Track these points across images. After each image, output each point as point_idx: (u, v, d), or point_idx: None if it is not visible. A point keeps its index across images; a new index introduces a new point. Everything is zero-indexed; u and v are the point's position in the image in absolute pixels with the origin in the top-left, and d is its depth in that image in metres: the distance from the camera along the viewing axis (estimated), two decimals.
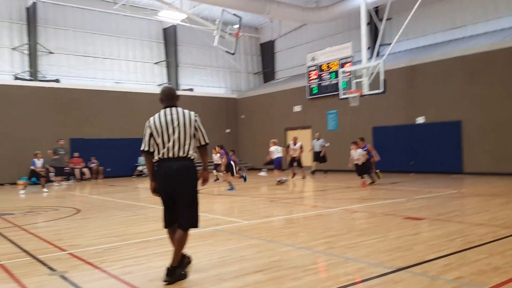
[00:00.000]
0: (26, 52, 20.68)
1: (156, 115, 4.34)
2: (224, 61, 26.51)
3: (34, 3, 20.61)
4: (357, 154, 12.72)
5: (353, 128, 19.54)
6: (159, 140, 4.27)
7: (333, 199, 10.25)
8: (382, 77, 15.29)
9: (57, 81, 20.86)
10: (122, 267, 4.68)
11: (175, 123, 4.26)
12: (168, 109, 4.34)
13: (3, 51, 20.19)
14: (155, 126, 4.28)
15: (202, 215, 8.13)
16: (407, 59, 18.50)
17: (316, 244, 5.60)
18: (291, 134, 22.95)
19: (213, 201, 11.07)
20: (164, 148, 4.25)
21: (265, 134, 23.11)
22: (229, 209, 9.24)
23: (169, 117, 4.28)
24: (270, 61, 27.99)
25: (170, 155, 4.24)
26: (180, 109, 4.36)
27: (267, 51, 28.16)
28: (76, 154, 20.00)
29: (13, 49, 20.42)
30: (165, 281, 4.11)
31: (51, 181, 18.25)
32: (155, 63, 24.69)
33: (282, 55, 27.26)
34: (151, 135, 4.31)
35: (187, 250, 4.52)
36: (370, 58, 17.29)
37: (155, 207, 9.72)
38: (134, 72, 23.83)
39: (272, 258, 4.99)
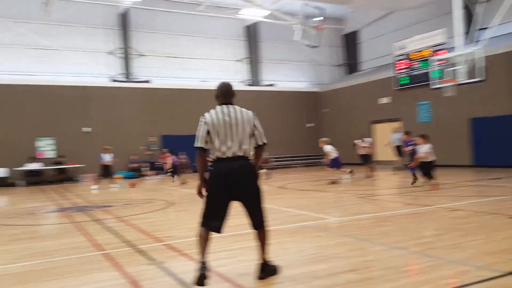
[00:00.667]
0: (120, 55, 22.22)
1: (213, 111, 4.13)
2: (305, 55, 26.26)
3: (127, 10, 22.05)
4: (425, 150, 10.76)
5: (447, 120, 18.29)
6: (217, 138, 4.04)
7: (426, 196, 9.63)
8: (481, 64, 14.01)
9: (148, 81, 22.18)
10: (217, 259, 4.79)
11: (234, 122, 4.05)
12: (225, 107, 4.13)
13: (100, 56, 21.89)
14: (212, 123, 4.06)
15: (288, 210, 8.23)
16: (507, 44, 16.84)
17: (412, 244, 5.27)
18: (377, 128, 22.13)
19: (298, 196, 10.99)
20: (223, 147, 4.03)
21: (349, 128, 22.53)
22: (315, 205, 9.09)
23: (227, 115, 4.07)
24: (354, 52, 27.17)
25: (230, 154, 4.02)
26: (237, 107, 4.15)
27: (350, 42, 27.36)
28: (166, 150, 21.08)
29: (109, 53, 22.05)
30: (259, 277, 4.12)
31: (144, 175, 19.49)
32: (237, 60, 25.18)
33: (366, 46, 26.32)
34: (208, 132, 4.07)
35: (276, 246, 4.48)
36: (465, 44, 15.99)
37: None
38: (217, 70, 24.50)
39: (364, 258, 4.82)
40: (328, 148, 13.63)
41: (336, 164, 13.59)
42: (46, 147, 19.48)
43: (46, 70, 20.36)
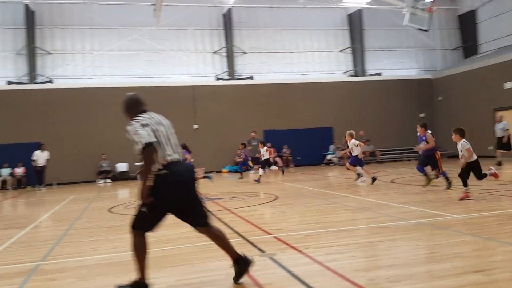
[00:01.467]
0: (224, 54, 23.06)
1: (143, 115, 3.92)
2: (415, 40, 24.69)
3: (229, 9, 22.79)
4: (463, 148, 8.10)
5: None
6: (161, 139, 3.81)
7: None
8: None
9: (251, 78, 22.73)
10: (326, 254, 4.67)
11: (169, 125, 4.04)
12: (151, 112, 4.03)
13: (207, 56, 22.97)
14: (151, 122, 3.86)
15: (401, 206, 7.75)
16: None
17: None
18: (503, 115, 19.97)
19: (410, 191, 10.32)
20: (169, 149, 3.85)
21: (467, 117, 20.65)
22: (430, 201, 8.43)
23: (159, 118, 3.99)
24: (471, 34, 24.72)
25: (178, 157, 3.89)
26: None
27: (466, 23, 24.94)
28: (268, 145, 21.38)
29: (214, 53, 23.02)
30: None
31: (248, 169, 20.01)
32: (340, 51, 24.54)
33: (486, 26, 23.78)
34: (152, 130, 3.78)
35: (389, 243, 4.21)
36: None
37: (349, 196, 9.63)
38: (319, 62, 24.18)
39: (492, 258, 4.35)
40: (354, 142, 12.21)
41: (356, 162, 12.28)
42: None
43: (159, 72, 21.98)
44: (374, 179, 11.71)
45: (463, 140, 8.10)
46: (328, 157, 22.06)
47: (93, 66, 21.41)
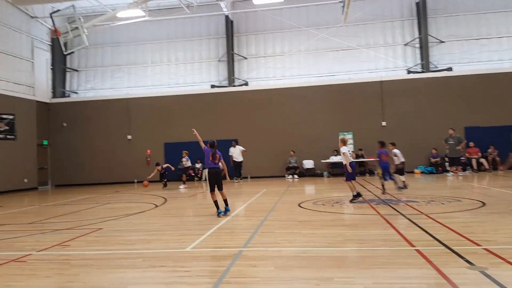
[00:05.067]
0: (417, 45, 21.47)
1: None
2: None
3: None
4: None
5: None
6: None
7: None
8: None
9: (449, 69, 20.59)
10: None
11: None
12: None
13: (396, 48, 21.76)
14: None
15: None
16: None
17: None
18: None
19: None
20: None
21: None
22: None
23: None
24: None
25: None
26: None
27: None
28: (471, 144, 19.07)
29: (405, 45, 21.65)
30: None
31: (447, 171, 18.21)
32: None
33: None
34: None
35: None
36: None
37: None
38: None
39: None
40: (343, 149, 10.27)
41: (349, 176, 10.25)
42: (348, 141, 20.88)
43: (345, 69, 21.81)
44: None
45: None
46: None
47: (283, 68, 22.58)
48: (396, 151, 11.92)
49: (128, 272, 4.88)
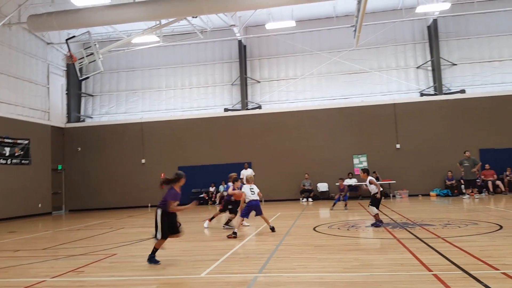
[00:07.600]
0: (430, 68, 21.52)
1: None
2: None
3: (435, 20, 21.24)
4: None
5: None
6: None
7: None
8: None
9: (462, 91, 20.53)
10: None
11: None
12: None
13: (409, 71, 21.85)
14: None
15: None
16: None
17: None
18: None
19: None
20: None
21: None
22: None
23: None
24: None
25: None
26: None
27: None
28: (487, 166, 18.84)
29: (417, 67, 21.71)
30: None
31: (462, 193, 17.99)
32: None
33: None
34: None
35: None
36: None
37: None
38: None
39: None
40: (245, 188, 9.85)
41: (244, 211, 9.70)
42: (361, 163, 20.75)
43: (357, 92, 21.90)
44: None
45: None
46: None
47: (295, 91, 22.76)
48: (371, 178, 10.15)
49: None
